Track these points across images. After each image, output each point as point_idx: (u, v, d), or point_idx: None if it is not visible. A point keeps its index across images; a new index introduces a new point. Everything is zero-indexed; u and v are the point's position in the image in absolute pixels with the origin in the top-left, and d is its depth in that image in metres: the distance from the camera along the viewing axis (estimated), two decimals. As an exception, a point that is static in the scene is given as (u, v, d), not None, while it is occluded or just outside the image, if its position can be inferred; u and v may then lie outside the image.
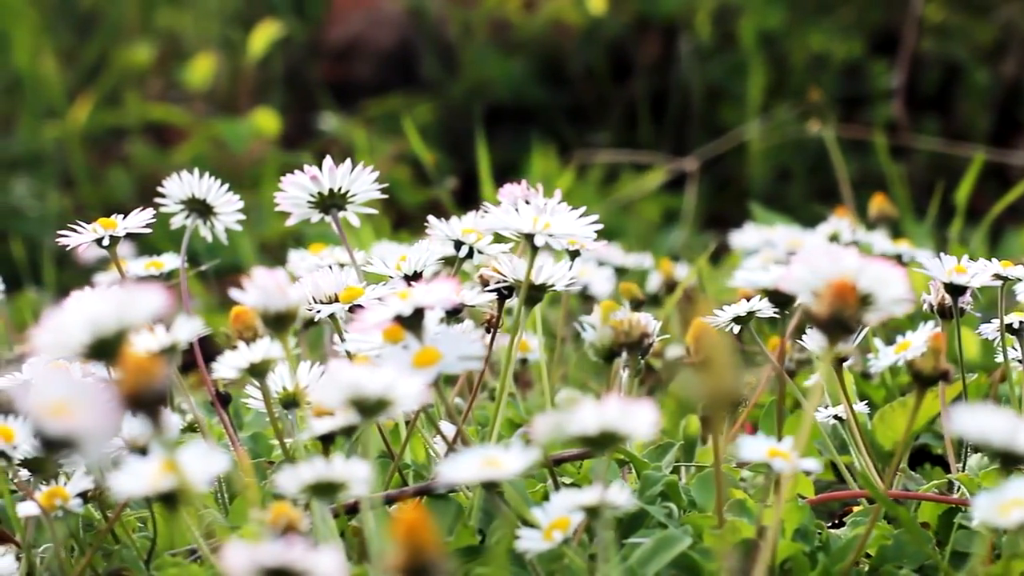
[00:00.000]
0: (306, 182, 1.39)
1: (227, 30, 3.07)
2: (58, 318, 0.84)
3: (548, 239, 1.20)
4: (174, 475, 0.90)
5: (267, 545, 0.81)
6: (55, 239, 2.31)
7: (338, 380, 0.95)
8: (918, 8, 2.52)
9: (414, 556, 0.80)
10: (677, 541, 1.13)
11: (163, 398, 0.81)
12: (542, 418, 0.94)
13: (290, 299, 1.06)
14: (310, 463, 0.98)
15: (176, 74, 3.12)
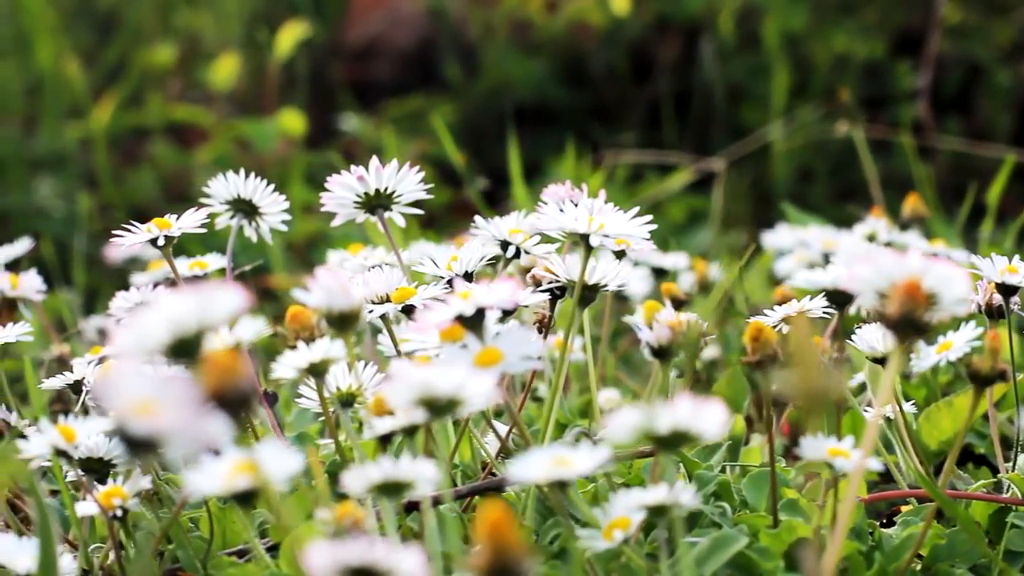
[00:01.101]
0: (353, 182, 1.39)
1: (248, 31, 3.07)
2: (139, 318, 0.84)
3: (603, 239, 1.21)
4: (251, 474, 0.91)
5: (351, 544, 0.82)
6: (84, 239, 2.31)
7: (409, 380, 0.95)
8: (941, 8, 2.52)
9: (498, 555, 0.80)
10: (734, 540, 1.13)
11: (247, 397, 0.81)
12: (614, 417, 0.94)
13: (353, 299, 1.06)
14: (377, 463, 0.98)
15: (196, 75, 3.13)
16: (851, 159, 2.77)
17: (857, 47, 2.73)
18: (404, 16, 3.13)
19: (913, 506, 1.30)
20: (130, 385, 0.79)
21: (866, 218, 1.92)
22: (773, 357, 1.14)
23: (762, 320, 1.23)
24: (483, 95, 2.96)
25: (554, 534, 1.19)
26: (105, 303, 2.23)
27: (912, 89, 2.67)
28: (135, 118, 2.86)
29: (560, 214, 1.21)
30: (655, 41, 2.96)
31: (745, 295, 1.72)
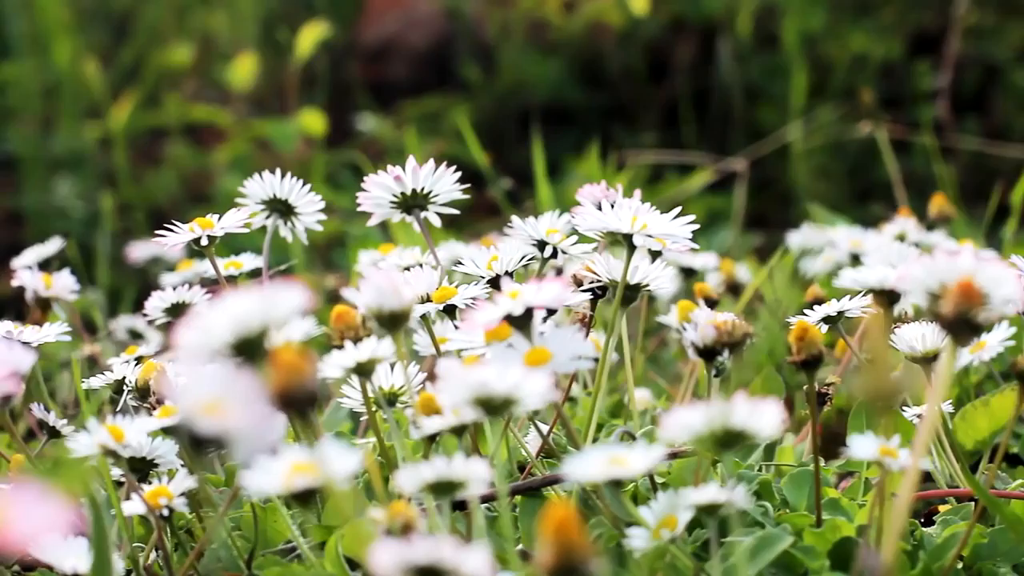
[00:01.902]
0: (389, 182, 1.40)
1: (264, 31, 3.07)
2: (202, 317, 0.84)
3: (646, 239, 1.21)
4: (309, 474, 0.91)
5: (418, 543, 0.82)
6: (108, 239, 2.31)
7: (465, 379, 0.95)
8: (961, 9, 2.52)
9: (564, 555, 0.80)
10: (779, 539, 1.13)
11: (314, 397, 0.81)
12: (670, 417, 0.95)
13: (404, 299, 1.06)
14: (430, 462, 0.98)
15: (211, 75, 3.13)
16: (868, 159, 2.77)
17: (874, 47, 2.73)
18: (420, 16, 3.13)
19: (951, 505, 1.30)
20: (197, 384, 0.79)
21: (887, 218, 1.92)
22: (819, 357, 1.14)
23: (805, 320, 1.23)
24: (500, 95, 2.96)
25: (597, 533, 1.20)
26: (129, 303, 2.23)
27: (931, 89, 2.67)
28: (153, 118, 2.86)
29: (602, 214, 1.21)
30: (671, 41, 2.97)
31: (776, 296, 1.72)
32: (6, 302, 2.41)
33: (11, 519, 0.65)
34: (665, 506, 1.07)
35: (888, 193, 2.73)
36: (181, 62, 2.94)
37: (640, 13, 2.71)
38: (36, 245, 2.71)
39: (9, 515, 0.65)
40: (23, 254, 1.74)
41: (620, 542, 1.17)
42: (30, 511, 0.66)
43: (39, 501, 0.66)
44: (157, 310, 1.47)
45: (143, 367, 1.28)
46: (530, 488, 1.16)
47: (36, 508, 0.66)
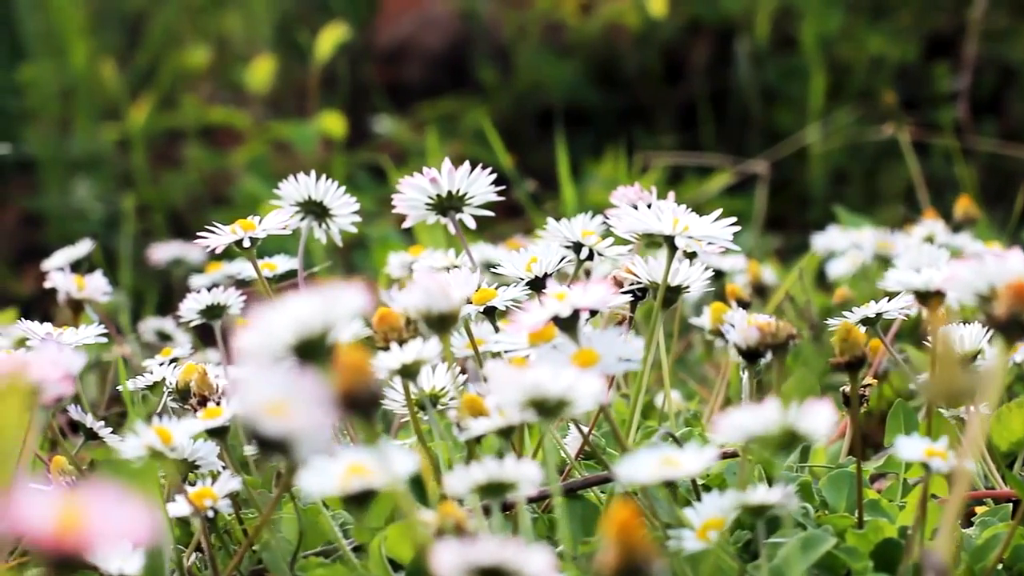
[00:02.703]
0: (425, 184, 1.40)
1: (279, 33, 3.08)
2: (264, 319, 0.85)
3: (688, 241, 1.21)
4: (365, 476, 0.91)
5: (481, 544, 0.82)
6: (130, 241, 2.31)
7: (519, 380, 0.95)
8: (979, 11, 2.53)
9: (628, 556, 0.81)
10: (822, 541, 1.13)
11: (377, 398, 0.81)
12: (723, 418, 0.95)
13: (453, 301, 1.06)
14: (481, 463, 0.98)
15: (225, 77, 3.13)
16: (885, 162, 2.78)
17: (891, 50, 2.73)
18: (435, 18, 3.13)
19: (989, 507, 1.30)
20: (261, 385, 0.80)
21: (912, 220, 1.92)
22: (863, 358, 1.15)
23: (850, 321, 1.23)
24: (516, 97, 2.96)
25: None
26: (152, 304, 2.23)
27: (949, 92, 2.67)
28: (170, 120, 2.87)
29: (643, 215, 1.21)
30: (687, 43, 2.97)
31: (808, 297, 1.72)
32: (26, 302, 2.41)
33: (87, 521, 0.65)
34: (711, 507, 1.07)
35: (905, 195, 2.74)
36: (198, 64, 2.94)
37: (658, 15, 2.71)
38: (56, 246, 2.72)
39: (86, 517, 0.65)
40: (53, 256, 1.74)
41: (663, 543, 1.17)
42: (106, 513, 0.66)
43: (114, 503, 0.66)
44: (192, 312, 1.47)
45: (183, 369, 1.29)
46: (584, 486, 1.16)
47: (111, 510, 0.66)
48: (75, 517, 0.65)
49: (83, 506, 0.65)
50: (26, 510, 0.65)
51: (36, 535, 0.65)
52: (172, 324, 1.78)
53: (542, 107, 2.97)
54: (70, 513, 0.65)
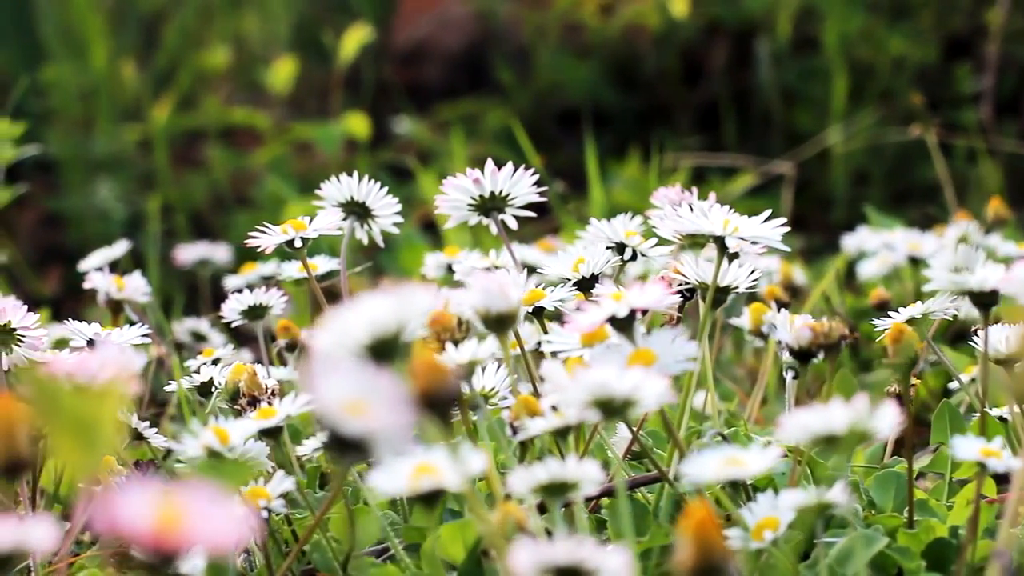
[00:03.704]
0: (468, 185, 1.40)
1: (296, 34, 3.08)
2: (339, 319, 0.85)
3: (738, 242, 1.21)
4: (433, 475, 0.91)
5: (557, 544, 0.82)
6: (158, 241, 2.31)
7: (585, 380, 0.95)
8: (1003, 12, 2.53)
9: (704, 555, 0.81)
10: (875, 541, 1.14)
11: (455, 398, 0.82)
12: (789, 417, 0.95)
13: (511, 301, 1.06)
14: (544, 463, 0.99)
15: (243, 77, 3.13)
16: (906, 163, 2.78)
17: (912, 51, 2.74)
18: (453, 19, 3.13)
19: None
20: (339, 384, 0.80)
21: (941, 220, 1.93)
22: (915, 358, 1.15)
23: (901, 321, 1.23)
24: (535, 98, 2.96)
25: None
26: (180, 305, 2.23)
27: (971, 93, 2.68)
28: (191, 120, 2.87)
29: (693, 216, 1.22)
30: (707, 44, 2.97)
31: (843, 298, 1.73)
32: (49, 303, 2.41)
33: (185, 522, 0.66)
34: (766, 507, 1.07)
35: (926, 196, 2.74)
36: (217, 65, 2.94)
37: (680, 16, 2.72)
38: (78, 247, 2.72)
39: (184, 517, 0.66)
40: (90, 256, 1.75)
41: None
42: (203, 513, 0.66)
43: (210, 503, 0.66)
44: (234, 312, 1.47)
45: (232, 369, 1.29)
46: (647, 483, 1.16)
47: (209, 511, 0.66)
48: (174, 517, 0.65)
49: (181, 506, 0.65)
50: (125, 509, 0.65)
51: (135, 534, 0.65)
52: (207, 325, 1.78)
53: (561, 108, 2.97)
54: (168, 513, 0.65)
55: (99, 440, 0.63)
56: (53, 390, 0.63)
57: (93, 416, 0.63)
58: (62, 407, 0.63)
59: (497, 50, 3.06)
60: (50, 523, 0.83)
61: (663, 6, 2.76)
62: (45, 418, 0.63)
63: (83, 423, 0.63)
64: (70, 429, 0.63)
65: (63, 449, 0.63)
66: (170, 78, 2.95)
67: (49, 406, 0.63)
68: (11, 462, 0.89)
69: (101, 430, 0.63)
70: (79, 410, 0.63)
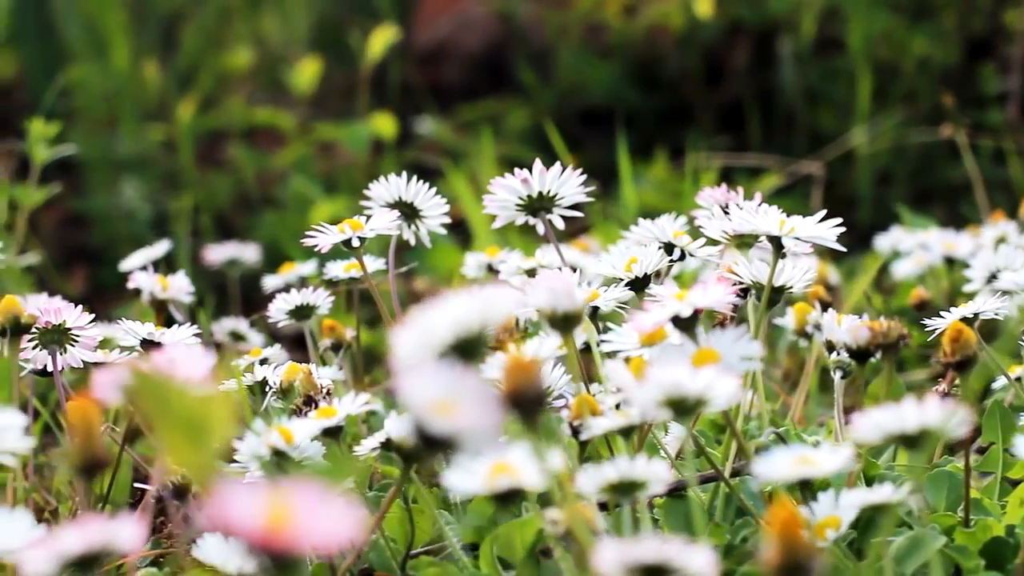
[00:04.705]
0: (516, 185, 1.41)
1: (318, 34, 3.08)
2: (423, 318, 0.85)
3: (795, 242, 1.22)
4: (511, 475, 0.92)
5: (643, 542, 0.83)
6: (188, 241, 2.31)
7: (658, 380, 0.96)
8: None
9: (790, 554, 0.81)
10: (932, 540, 1.14)
11: (543, 398, 0.82)
12: (861, 417, 0.95)
13: (577, 301, 1.07)
14: (612, 462, 0.99)
15: (263, 78, 3.14)
16: (928, 163, 2.78)
17: (934, 52, 2.74)
18: (473, 19, 3.14)
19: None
20: (428, 384, 0.80)
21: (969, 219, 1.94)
22: (973, 358, 1.16)
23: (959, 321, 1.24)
24: (556, 98, 2.97)
25: (745, 534, 1.20)
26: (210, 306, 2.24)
27: (996, 93, 2.68)
28: (214, 120, 2.87)
29: (753, 216, 1.22)
30: (728, 44, 2.98)
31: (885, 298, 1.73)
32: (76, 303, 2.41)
33: (296, 520, 0.66)
34: (827, 506, 1.08)
35: (949, 196, 2.75)
36: (240, 65, 2.95)
37: (704, 16, 2.72)
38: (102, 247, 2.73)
39: (294, 515, 0.66)
40: (132, 256, 1.75)
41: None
42: (313, 511, 0.66)
43: (319, 501, 0.66)
44: (281, 312, 1.48)
45: (287, 369, 1.29)
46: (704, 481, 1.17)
47: (318, 509, 0.66)
48: (284, 515, 0.65)
49: (291, 504, 0.66)
50: (236, 508, 0.65)
51: (246, 533, 0.65)
52: (245, 324, 1.78)
53: (583, 108, 2.97)
54: (279, 512, 0.65)
55: (210, 439, 0.63)
56: (162, 390, 0.64)
57: (204, 415, 0.64)
58: (172, 407, 0.63)
59: (518, 51, 3.06)
60: (135, 523, 0.83)
61: (687, 6, 2.77)
62: (155, 418, 0.64)
63: (194, 422, 0.63)
64: (181, 429, 0.63)
65: (175, 449, 0.63)
66: (191, 78, 2.95)
67: (159, 406, 0.64)
68: (89, 461, 0.89)
69: (212, 429, 0.64)
70: (190, 409, 0.63)
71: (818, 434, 1.44)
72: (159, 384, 0.63)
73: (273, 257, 2.35)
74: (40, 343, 1.29)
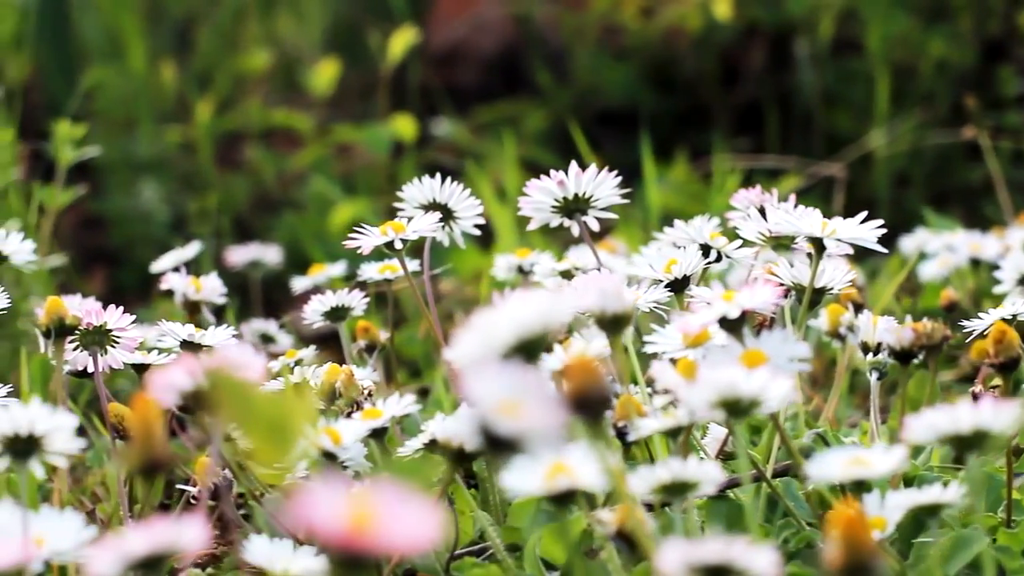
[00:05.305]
0: (552, 187, 1.41)
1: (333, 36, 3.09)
2: (485, 319, 0.86)
3: (836, 244, 1.23)
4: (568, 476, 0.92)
5: (707, 542, 0.83)
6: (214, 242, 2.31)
7: (713, 381, 0.96)
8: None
9: (854, 554, 0.82)
10: (976, 540, 1.14)
11: (608, 400, 0.82)
12: (915, 418, 0.96)
13: (626, 302, 1.07)
14: (664, 463, 0.99)
15: (278, 79, 3.14)
16: (945, 165, 2.79)
17: (952, 54, 2.75)
18: (488, 21, 3.14)
19: None
20: (493, 385, 0.80)
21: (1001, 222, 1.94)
22: (1017, 359, 1.16)
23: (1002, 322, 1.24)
24: (572, 100, 2.97)
25: (787, 534, 1.21)
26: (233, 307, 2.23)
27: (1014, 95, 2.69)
28: (232, 122, 2.88)
29: (795, 217, 1.23)
30: (744, 46, 2.98)
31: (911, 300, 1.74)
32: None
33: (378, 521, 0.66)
34: (872, 507, 1.08)
35: (966, 198, 2.75)
36: (257, 67, 2.95)
37: (723, 18, 2.72)
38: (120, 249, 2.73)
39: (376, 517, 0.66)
40: (163, 258, 1.75)
41: (812, 542, 1.18)
42: (396, 513, 0.66)
43: (401, 503, 0.67)
44: (316, 313, 1.48)
45: (328, 370, 1.29)
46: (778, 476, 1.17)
47: (400, 510, 0.67)
48: (366, 517, 0.65)
49: (373, 505, 0.66)
50: (318, 510, 0.65)
51: (327, 534, 0.65)
52: (274, 326, 1.78)
53: (599, 110, 2.97)
54: (361, 514, 0.65)
55: (293, 441, 0.64)
56: (246, 392, 0.64)
57: (286, 417, 0.64)
58: (256, 409, 0.63)
59: (534, 52, 3.06)
60: (201, 524, 0.84)
61: (705, 8, 2.77)
62: (238, 420, 0.64)
63: (277, 424, 0.63)
64: (264, 431, 0.63)
65: (258, 450, 0.63)
66: (208, 80, 2.95)
67: (242, 408, 0.64)
68: (150, 462, 0.90)
69: (294, 431, 0.64)
70: (273, 412, 0.64)
71: (852, 435, 1.45)
72: (242, 387, 0.63)
73: (293, 258, 2.36)
74: (81, 344, 1.29)
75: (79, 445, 1.00)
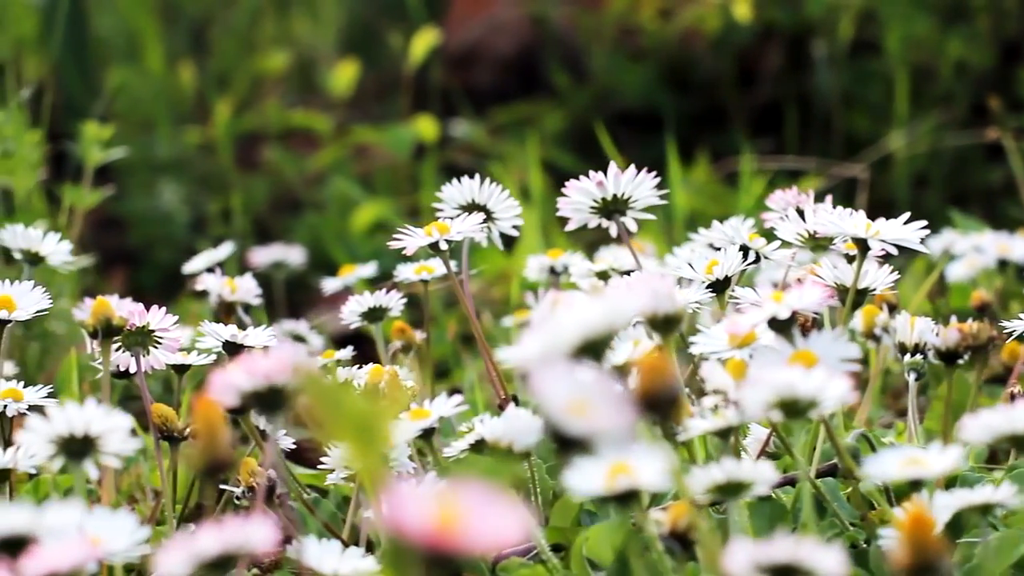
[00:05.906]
0: (590, 188, 1.41)
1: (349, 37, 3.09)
2: (551, 319, 0.86)
3: (881, 244, 1.23)
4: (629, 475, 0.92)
5: (774, 542, 0.83)
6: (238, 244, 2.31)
7: (771, 381, 0.96)
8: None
9: (920, 554, 0.82)
10: (1021, 540, 1.15)
11: (677, 400, 0.83)
12: (970, 418, 0.96)
13: (678, 303, 1.07)
14: (720, 463, 1.00)
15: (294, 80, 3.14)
16: (963, 166, 2.79)
17: (970, 55, 2.75)
18: (504, 22, 3.14)
19: None
20: (563, 385, 0.81)
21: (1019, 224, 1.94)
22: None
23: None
24: (589, 101, 2.97)
25: (831, 534, 1.21)
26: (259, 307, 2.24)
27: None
28: (250, 123, 2.88)
29: (841, 218, 1.23)
30: (761, 47, 2.99)
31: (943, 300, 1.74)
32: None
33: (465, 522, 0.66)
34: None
35: (984, 199, 2.76)
36: (276, 68, 2.96)
37: (743, 19, 2.73)
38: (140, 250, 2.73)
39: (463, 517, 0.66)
40: (194, 259, 1.75)
41: (856, 542, 1.19)
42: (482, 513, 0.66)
43: (487, 503, 0.67)
44: (354, 314, 1.48)
45: (370, 371, 1.30)
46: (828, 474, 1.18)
47: (486, 510, 0.67)
48: (453, 517, 0.65)
49: (460, 506, 0.66)
50: (407, 510, 0.65)
51: (414, 534, 0.66)
52: (305, 327, 1.79)
53: (617, 111, 2.98)
54: (448, 513, 0.66)
55: (382, 443, 0.64)
56: (335, 394, 0.64)
57: (375, 420, 0.64)
58: (346, 412, 0.64)
59: (551, 53, 3.07)
60: (269, 524, 0.84)
61: (724, 9, 2.78)
62: (328, 423, 0.64)
63: (366, 427, 0.64)
64: (354, 433, 0.64)
65: (349, 453, 0.64)
66: (226, 81, 2.96)
67: (333, 411, 0.64)
68: (214, 463, 0.90)
69: (383, 433, 0.64)
70: (362, 414, 0.64)
71: (888, 435, 1.45)
72: (332, 389, 0.64)
73: (313, 259, 2.36)
74: (124, 345, 1.29)
75: (134, 446, 1.00)
